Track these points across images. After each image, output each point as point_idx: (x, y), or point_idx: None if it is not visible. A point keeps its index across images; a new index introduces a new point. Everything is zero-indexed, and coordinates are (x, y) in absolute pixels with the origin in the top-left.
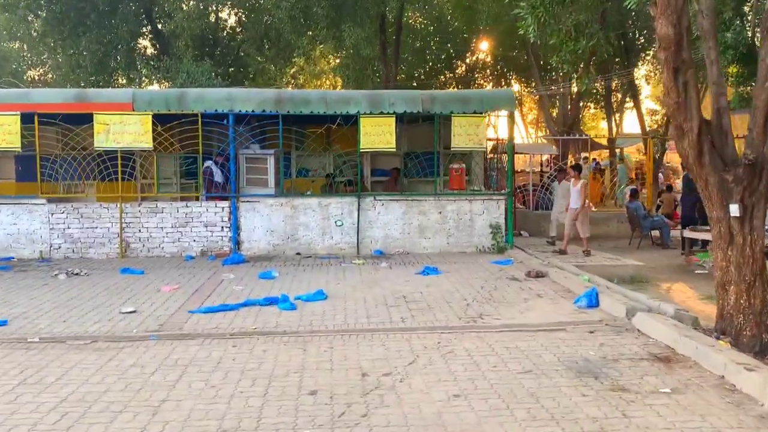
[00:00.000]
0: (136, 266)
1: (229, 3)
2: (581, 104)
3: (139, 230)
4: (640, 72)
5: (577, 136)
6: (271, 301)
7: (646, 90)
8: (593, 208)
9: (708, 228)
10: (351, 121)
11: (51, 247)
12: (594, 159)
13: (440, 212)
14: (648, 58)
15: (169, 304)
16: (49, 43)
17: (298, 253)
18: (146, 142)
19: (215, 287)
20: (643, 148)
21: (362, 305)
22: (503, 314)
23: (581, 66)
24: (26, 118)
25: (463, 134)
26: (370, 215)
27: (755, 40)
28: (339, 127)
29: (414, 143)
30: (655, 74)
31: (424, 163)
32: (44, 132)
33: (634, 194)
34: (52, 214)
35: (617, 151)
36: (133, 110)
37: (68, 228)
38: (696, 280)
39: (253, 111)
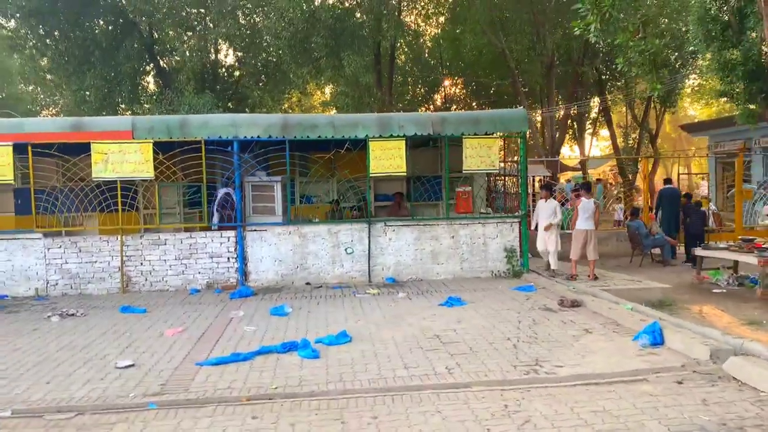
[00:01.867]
0: (138, 303)
1: (227, 39)
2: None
3: (141, 263)
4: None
5: (547, 159)
6: (289, 347)
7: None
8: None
9: (722, 246)
10: (359, 146)
11: (47, 283)
12: (568, 180)
13: (453, 237)
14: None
15: (174, 352)
16: (55, 80)
17: (308, 283)
18: (147, 171)
19: (224, 328)
20: (615, 170)
21: (394, 349)
22: (562, 359)
23: (650, 67)
24: (22, 149)
25: (475, 156)
26: (381, 242)
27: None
28: (344, 153)
29: (416, 167)
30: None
31: (427, 186)
32: (42, 163)
33: (636, 213)
34: (49, 248)
35: (590, 172)
36: (133, 138)
37: (66, 263)
38: (720, 300)
39: (258, 137)
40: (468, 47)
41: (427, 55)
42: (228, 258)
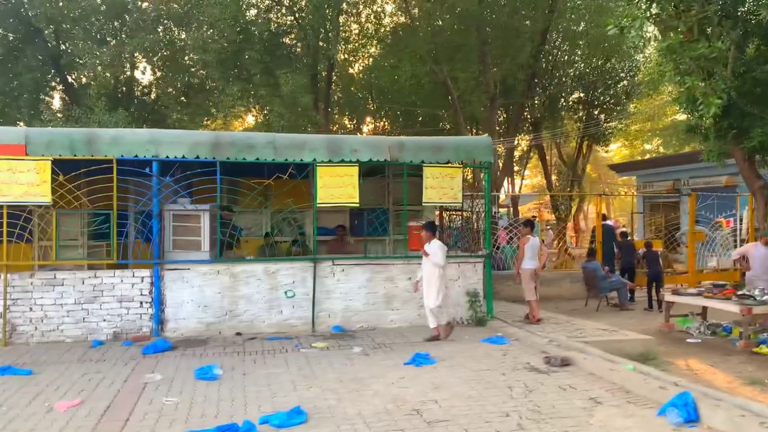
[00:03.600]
0: (22, 361)
1: (145, 53)
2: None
3: (31, 308)
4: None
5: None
6: None
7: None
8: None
9: (693, 292)
10: (304, 172)
11: None
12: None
13: (410, 278)
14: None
15: None
16: None
17: (239, 333)
18: (43, 195)
19: (136, 399)
20: (541, 208)
21: None
22: None
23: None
24: None
25: (437, 187)
26: (328, 283)
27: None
28: (283, 180)
29: (361, 198)
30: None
31: (373, 220)
32: None
33: (592, 253)
34: None
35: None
36: (27, 154)
37: None
38: (701, 353)
39: (183, 157)
40: (406, 76)
41: (360, 81)
42: (141, 302)
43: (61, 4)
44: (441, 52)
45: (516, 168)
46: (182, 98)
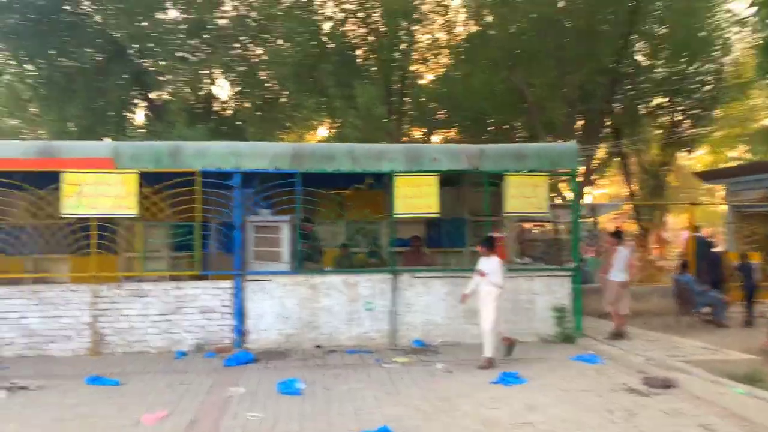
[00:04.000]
0: (110, 371)
1: (223, 70)
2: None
3: (118, 319)
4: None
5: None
6: None
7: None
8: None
9: None
10: (382, 182)
11: (0, 342)
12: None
13: None
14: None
15: None
16: (38, 111)
17: (319, 346)
18: (130, 206)
19: (220, 413)
20: (621, 218)
21: None
22: None
23: None
24: None
25: (520, 197)
26: (408, 296)
27: None
28: (357, 190)
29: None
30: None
31: (450, 230)
32: (5, 195)
33: (685, 266)
34: (3, 299)
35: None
36: (115, 168)
37: (24, 317)
38: None
39: (264, 168)
40: (478, 84)
41: (431, 90)
42: (222, 313)
43: (144, 24)
44: (516, 59)
45: (593, 177)
46: (258, 112)
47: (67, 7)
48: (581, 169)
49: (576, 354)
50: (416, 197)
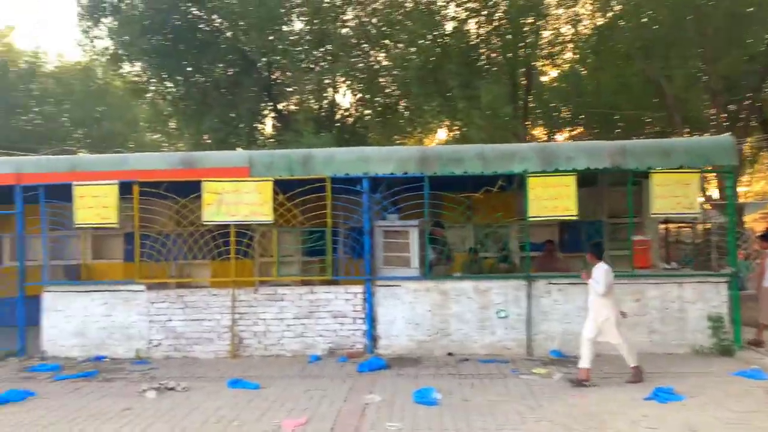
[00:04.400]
0: (250, 374)
1: (346, 78)
2: None
3: (255, 323)
4: None
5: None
6: None
7: None
8: None
9: None
10: (513, 184)
11: (150, 344)
12: None
13: (638, 299)
14: None
15: None
16: (176, 125)
17: (450, 354)
18: (265, 213)
19: (359, 423)
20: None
21: None
22: None
23: None
24: (126, 189)
25: (668, 196)
26: (544, 304)
27: None
28: (485, 193)
29: None
30: None
31: (587, 233)
32: (151, 204)
33: None
34: (153, 303)
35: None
36: (251, 176)
37: (170, 320)
38: None
39: (392, 173)
40: (608, 78)
41: (557, 87)
42: (354, 318)
43: (272, 37)
44: (651, 49)
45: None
46: (379, 118)
47: (202, 26)
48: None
49: (737, 369)
50: (552, 199)
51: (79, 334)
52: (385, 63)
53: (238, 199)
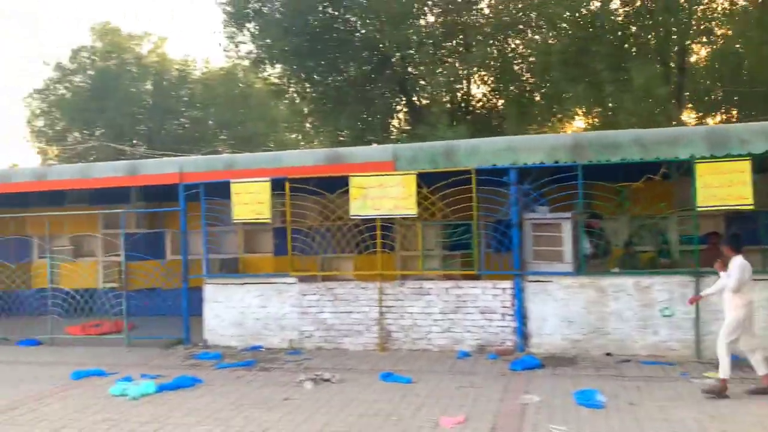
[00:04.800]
0: (400, 368)
1: (481, 68)
2: None
3: (402, 316)
4: None
5: None
6: None
7: None
8: None
9: None
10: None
11: (302, 334)
12: None
13: None
14: None
15: None
16: (314, 124)
17: (608, 354)
18: (409, 207)
19: (519, 424)
20: None
21: None
22: None
23: None
24: (277, 186)
25: None
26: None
27: None
28: (639, 181)
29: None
30: None
31: (760, 224)
32: (298, 200)
33: None
34: (304, 295)
35: None
36: (395, 170)
37: (321, 312)
38: None
39: (541, 163)
40: None
41: (711, 66)
42: (503, 315)
43: (406, 31)
44: None
45: None
46: (514, 107)
47: (337, 25)
48: None
49: None
50: (723, 186)
51: (237, 325)
52: (520, 50)
53: (382, 193)
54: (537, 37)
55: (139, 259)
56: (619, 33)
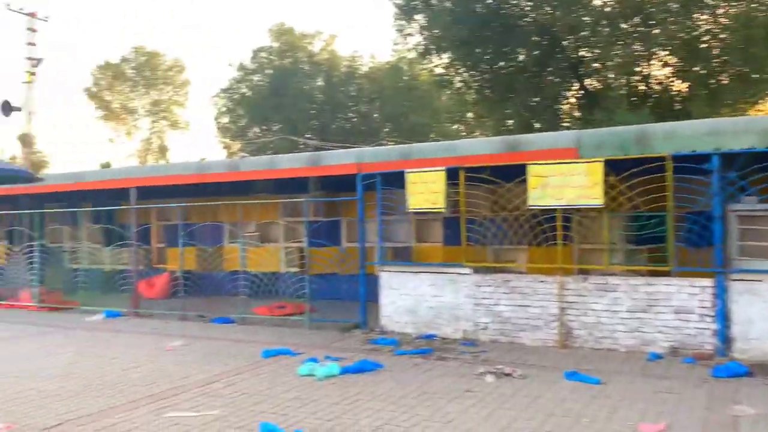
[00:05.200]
0: (584, 367)
1: (664, 48)
2: None
3: (585, 313)
4: None
5: None
6: None
7: None
8: None
9: None
10: None
11: (476, 326)
12: None
13: None
14: None
15: None
16: (477, 114)
17: None
18: (595, 197)
19: None
20: None
21: None
22: None
23: None
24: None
25: None
26: None
27: None
28: None
29: None
30: None
31: None
32: (471, 189)
33: None
34: (479, 286)
35: None
36: (579, 157)
37: (496, 305)
38: None
39: (752, 147)
40: None
41: None
42: (701, 316)
43: (578, 13)
44: None
45: None
46: (702, 89)
47: (505, 11)
48: None
49: None
50: None
51: (411, 312)
52: (708, 27)
53: (564, 182)
54: (733, 11)
55: (318, 245)
56: None
